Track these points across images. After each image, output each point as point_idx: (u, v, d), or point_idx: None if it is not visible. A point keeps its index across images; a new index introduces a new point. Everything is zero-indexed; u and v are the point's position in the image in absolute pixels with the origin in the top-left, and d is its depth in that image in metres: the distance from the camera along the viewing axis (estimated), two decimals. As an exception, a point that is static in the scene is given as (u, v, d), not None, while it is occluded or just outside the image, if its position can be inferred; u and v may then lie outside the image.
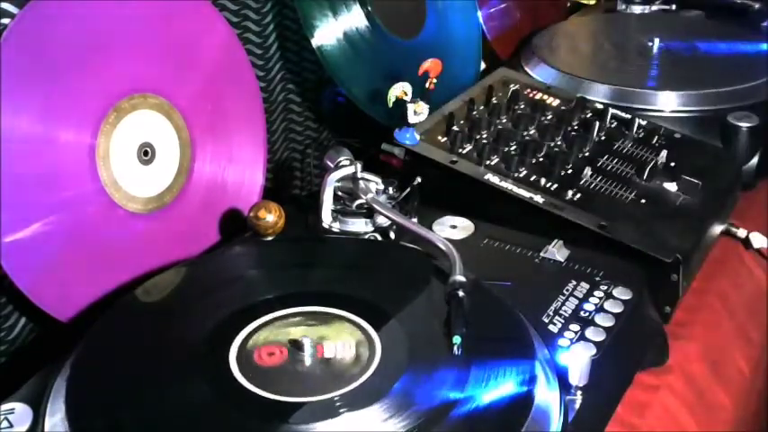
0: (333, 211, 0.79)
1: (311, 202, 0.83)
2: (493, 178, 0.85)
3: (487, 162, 0.87)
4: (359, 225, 0.79)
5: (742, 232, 0.93)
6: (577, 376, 0.60)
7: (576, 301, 0.70)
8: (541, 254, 0.76)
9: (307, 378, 0.58)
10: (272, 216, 0.75)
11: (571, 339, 0.66)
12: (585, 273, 0.74)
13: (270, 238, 0.76)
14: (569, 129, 0.95)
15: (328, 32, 0.97)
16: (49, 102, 0.71)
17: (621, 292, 0.71)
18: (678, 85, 1.05)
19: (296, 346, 0.60)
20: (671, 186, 0.87)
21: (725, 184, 0.91)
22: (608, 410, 0.64)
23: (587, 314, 0.69)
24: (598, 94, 1.05)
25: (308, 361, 0.59)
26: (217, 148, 0.88)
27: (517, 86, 1.02)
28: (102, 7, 0.75)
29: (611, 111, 0.98)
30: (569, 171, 0.87)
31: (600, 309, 0.70)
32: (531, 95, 1.02)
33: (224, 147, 0.89)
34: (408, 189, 0.80)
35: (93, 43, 0.75)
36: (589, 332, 0.67)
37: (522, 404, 0.56)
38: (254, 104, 0.93)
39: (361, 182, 0.78)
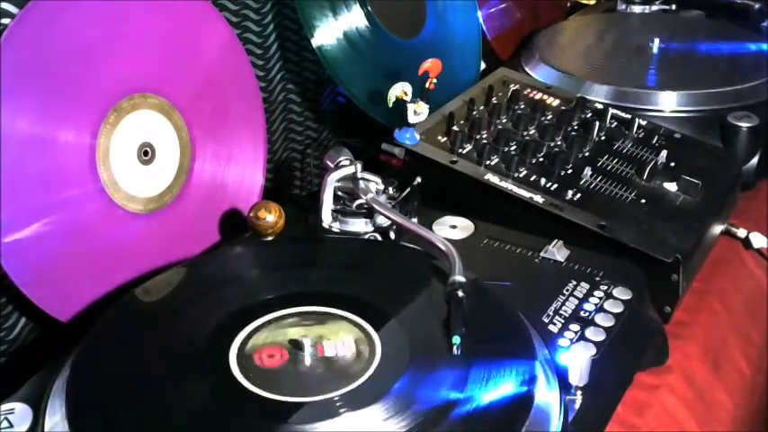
0: (333, 211, 0.79)
1: (311, 202, 0.83)
2: (493, 178, 0.85)
3: (487, 162, 0.87)
4: (359, 225, 0.79)
5: (742, 232, 0.93)
6: (577, 376, 0.60)
7: (576, 301, 0.70)
8: (541, 254, 0.76)
9: (307, 378, 0.58)
10: (272, 216, 0.75)
11: (571, 339, 0.66)
12: (585, 273, 0.74)
13: (270, 238, 0.76)
14: (569, 129, 0.95)
15: (328, 32, 0.97)
16: (49, 102, 0.71)
17: (621, 292, 0.71)
18: (678, 85, 1.05)
19: (296, 346, 0.60)
20: (671, 186, 0.87)
21: (725, 184, 0.91)
22: (608, 410, 0.64)
23: (587, 314, 0.69)
24: (598, 94, 1.05)
25: (308, 361, 0.59)
26: (217, 148, 0.88)
27: (517, 86, 1.02)
28: (103, 7, 0.75)
29: (611, 111, 0.98)
30: (569, 171, 0.87)
31: (600, 309, 0.70)
32: (531, 95, 1.02)
33: (224, 147, 0.89)
34: (408, 189, 0.80)
35: (94, 43, 0.75)
36: (589, 332, 0.67)
37: (522, 404, 0.56)
38: (254, 104, 0.93)
39: (361, 182, 0.78)
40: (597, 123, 0.94)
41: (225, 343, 0.61)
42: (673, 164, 0.90)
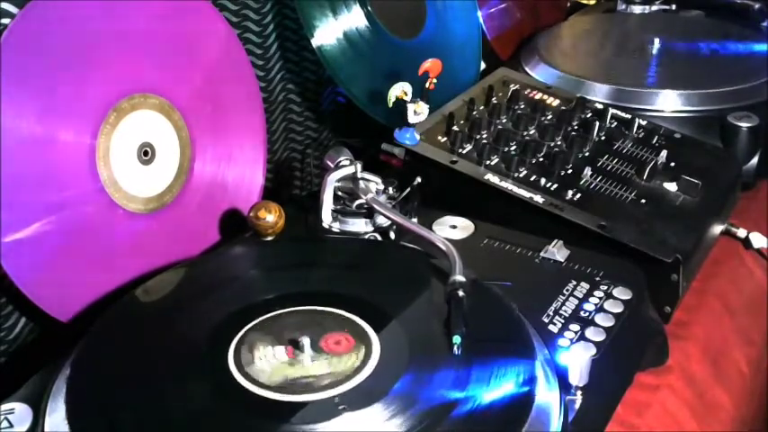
0: (333, 211, 0.79)
1: (311, 202, 0.83)
2: (493, 178, 0.85)
3: (487, 162, 0.87)
4: (359, 225, 0.79)
5: (742, 232, 0.93)
6: (577, 376, 0.60)
7: (576, 301, 0.70)
8: (541, 254, 0.76)
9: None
10: (272, 216, 0.75)
11: (571, 339, 0.66)
12: (585, 273, 0.74)
13: (270, 238, 0.76)
14: (569, 129, 0.95)
15: (328, 32, 0.97)
16: (49, 102, 0.71)
17: (621, 292, 0.71)
18: (678, 85, 1.05)
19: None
20: (671, 186, 0.87)
21: (725, 184, 0.91)
22: (608, 410, 0.64)
23: (587, 314, 0.69)
24: (598, 94, 1.05)
25: (307, 361, 0.59)
26: (217, 148, 0.88)
27: (517, 86, 1.02)
28: (103, 7, 0.75)
29: (611, 111, 0.98)
30: (569, 171, 0.87)
31: (600, 309, 0.70)
32: (531, 95, 1.02)
33: (224, 147, 0.89)
34: (408, 189, 0.80)
35: (94, 43, 0.75)
36: (589, 332, 0.67)
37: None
38: (254, 104, 0.93)
39: (361, 182, 0.78)
40: (597, 123, 0.94)
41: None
42: (673, 164, 0.90)
